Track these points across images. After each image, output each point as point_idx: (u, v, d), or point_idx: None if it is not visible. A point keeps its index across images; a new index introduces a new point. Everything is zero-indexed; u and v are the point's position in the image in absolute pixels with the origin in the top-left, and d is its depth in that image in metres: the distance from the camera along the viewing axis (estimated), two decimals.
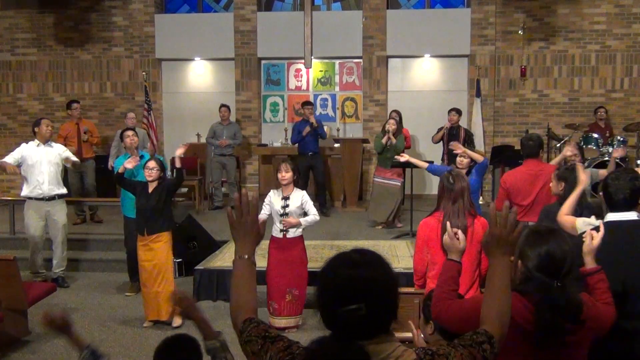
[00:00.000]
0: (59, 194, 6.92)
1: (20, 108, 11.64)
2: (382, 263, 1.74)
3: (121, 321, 6.01)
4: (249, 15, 11.12)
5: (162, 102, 11.57)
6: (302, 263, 5.69)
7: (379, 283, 1.68)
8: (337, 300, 1.65)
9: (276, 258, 5.62)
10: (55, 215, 6.89)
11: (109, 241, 8.09)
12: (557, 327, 2.32)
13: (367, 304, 1.63)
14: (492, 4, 10.70)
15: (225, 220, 6.81)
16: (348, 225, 8.79)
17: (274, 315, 5.65)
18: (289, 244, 5.61)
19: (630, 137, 10.00)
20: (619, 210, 2.97)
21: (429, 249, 4.03)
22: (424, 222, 4.16)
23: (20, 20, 11.52)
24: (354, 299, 1.63)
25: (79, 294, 6.85)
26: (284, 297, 5.60)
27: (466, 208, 3.97)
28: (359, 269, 1.68)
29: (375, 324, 1.67)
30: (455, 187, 3.98)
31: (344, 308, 1.63)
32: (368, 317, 1.63)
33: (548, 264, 2.38)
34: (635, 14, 10.58)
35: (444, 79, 11.19)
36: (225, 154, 10.03)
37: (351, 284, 1.66)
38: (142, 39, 11.32)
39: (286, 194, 5.61)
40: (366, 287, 1.66)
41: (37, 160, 6.81)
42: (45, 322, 2.54)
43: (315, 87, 11.40)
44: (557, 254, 2.38)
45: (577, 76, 10.77)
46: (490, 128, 10.79)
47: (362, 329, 1.65)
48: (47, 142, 6.96)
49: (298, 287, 5.62)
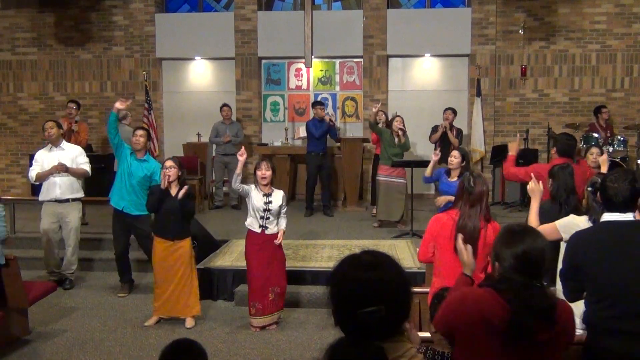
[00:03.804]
0: (72, 197, 6.86)
1: (21, 107, 11.64)
2: (395, 264, 1.77)
3: (121, 321, 6.01)
4: (250, 15, 11.12)
5: (162, 102, 11.58)
6: (282, 259, 5.74)
7: (394, 284, 1.71)
8: (356, 302, 1.67)
9: (256, 257, 5.60)
10: (67, 218, 6.86)
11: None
12: (530, 327, 2.30)
13: (385, 305, 1.66)
14: (493, 3, 10.70)
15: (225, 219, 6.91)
16: (349, 225, 8.78)
17: (256, 316, 5.63)
18: (269, 239, 5.61)
19: (630, 136, 10.00)
20: (616, 211, 2.96)
21: (437, 244, 4.00)
22: (436, 218, 4.12)
23: (20, 20, 11.52)
24: (373, 302, 1.65)
25: (80, 294, 6.85)
26: (267, 296, 5.61)
27: (482, 212, 3.90)
28: (374, 271, 1.70)
29: (391, 325, 1.70)
30: (475, 191, 3.90)
31: (363, 310, 1.65)
32: (386, 318, 1.66)
33: (525, 264, 2.37)
34: (635, 14, 10.57)
35: (444, 79, 11.19)
36: (228, 153, 10.02)
37: (369, 286, 1.68)
38: (142, 39, 11.32)
39: (266, 191, 5.61)
40: (384, 289, 1.68)
41: (49, 164, 6.78)
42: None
43: (315, 86, 11.39)
44: (533, 253, 2.37)
45: (578, 76, 10.76)
46: (490, 127, 10.79)
47: (379, 329, 1.68)
48: (59, 145, 6.89)
49: (279, 285, 5.66)
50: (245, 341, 5.49)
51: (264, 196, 5.59)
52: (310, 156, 9.32)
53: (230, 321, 6.01)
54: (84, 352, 5.26)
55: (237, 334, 5.66)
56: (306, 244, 7.61)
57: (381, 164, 8.56)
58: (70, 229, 6.89)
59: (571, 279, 3.11)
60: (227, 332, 5.71)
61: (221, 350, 5.28)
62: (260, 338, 5.56)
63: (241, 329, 5.78)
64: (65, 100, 11.23)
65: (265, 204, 5.57)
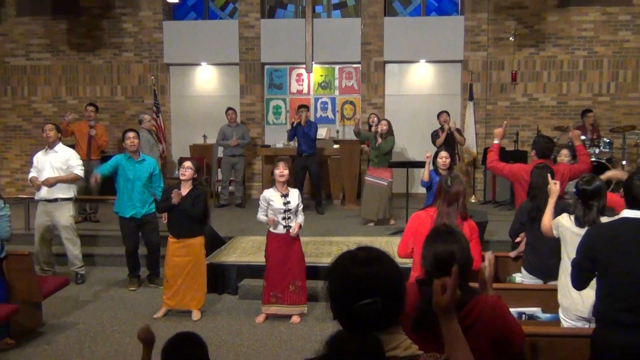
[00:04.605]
0: (61, 197, 6.78)
1: (35, 110, 11.64)
2: (389, 259, 1.77)
3: (131, 313, 6.02)
4: (253, 22, 11.13)
5: (170, 105, 11.58)
6: (302, 257, 5.79)
7: (389, 278, 1.71)
8: (352, 297, 1.67)
9: (278, 254, 5.66)
10: (57, 217, 6.80)
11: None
12: (431, 319, 2.26)
13: (381, 298, 1.66)
14: (485, 11, 10.70)
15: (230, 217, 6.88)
16: (346, 223, 8.78)
17: (278, 304, 5.68)
18: (292, 239, 5.68)
19: (616, 139, 10.01)
20: (637, 208, 2.94)
21: (415, 240, 4.04)
22: (415, 215, 4.20)
23: (34, 27, 11.52)
24: (368, 296, 1.65)
25: (91, 288, 6.85)
26: (288, 288, 5.67)
27: (459, 210, 3.97)
28: (370, 267, 1.70)
29: (386, 317, 1.70)
30: (452, 190, 3.98)
31: (360, 303, 1.65)
32: (382, 310, 1.66)
33: (437, 263, 2.41)
34: (621, 21, 10.57)
35: (438, 84, 11.19)
36: (235, 155, 10.05)
37: (365, 281, 1.68)
38: (151, 45, 11.32)
39: (284, 191, 5.62)
40: (379, 283, 1.68)
41: (43, 166, 6.79)
42: (143, 333, 2.68)
43: (315, 90, 11.40)
44: (442, 254, 2.41)
45: (566, 81, 10.76)
46: (482, 130, 10.78)
47: (375, 321, 1.68)
48: (53, 148, 6.84)
49: (299, 279, 5.70)
50: (249, 332, 5.50)
51: (282, 197, 5.60)
52: (296, 158, 9.42)
53: (235, 314, 6.02)
54: (95, 344, 5.26)
55: (241, 326, 5.66)
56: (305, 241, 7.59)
57: (371, 164, 8.69)
58: (61, 227, 6.82)
59: (585, 270, 3.09)
60: (232, 324, 5.72)
61: (226, 341, 5.29)
62: (263, 329, 5.57)
63: (245, 321, 5.78)
64: (77, 103, 11.27)
65: (285, 204, 5.58)
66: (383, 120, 8.59)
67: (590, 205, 3.70)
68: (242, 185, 10.34)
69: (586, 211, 3.70)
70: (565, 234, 3.81)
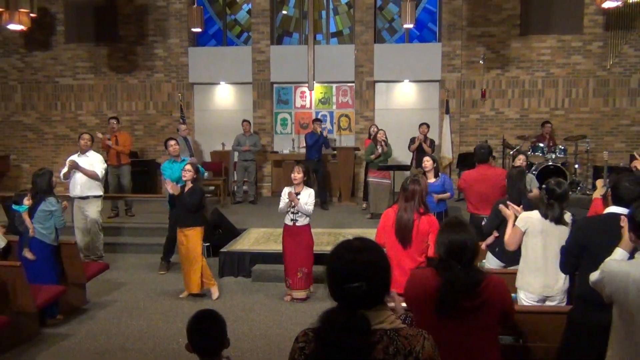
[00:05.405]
0: (90, 195, 6.77)
1: (80, 122, 11.63)
2: (378, 248, 1.76)
3: (161, 293, 6.01)
4: (264, 48, 11.12)
5: (194, 118, 11.56)
6: (309, 247, 5.69)
7: (375, 265, 1.70)
8: (343, 278, 1.67)
9: (289, 243, 5.64)
10: (87, 211, 6.80)
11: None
12: (454, 298, 2.35)
13: (367, 281, 1.65)
14: (459, 39, 10.70)
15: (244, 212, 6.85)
16: (344, 217, 8.77)
17: (292, 288, 5.69)
18: (299, 231, 5.60)
19: (569, 146, 9.99)
20: (623, 206, 2.92)
21: (385, 232, 4.09)
22: (385, 212, 4.25)
23: (80, 52, 11.52)
24: (356, 278, 1.65)
25: (127, 272, 6.85)
26: (296, 274, 5.65)
27: (416, 207, 3.99)
28: (360, 254, 1.70)
29: (373, 297, 1.69)
30: (409, 189, 4.03)
31: (348, 285, 1.65)
32: (368, 291, 1.66)
33: (452, 251, 2.41)
34: (574, 47, 10.57)
35: (419, 99, 11.17)
36: (247, 159, 10.03)
37: (354, 265, 1.68)
38: (178, 67, 11.31)
39: (298, 190, 5.60)
40: (366, 268, 1.68)
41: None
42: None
43: (316, 105, 11.39)
44: (456, 243, 2.41)
45: (527, 97, 10.75)
46: (457, 139, 10.77)
47: (363, 300, 1.67)
48: (85, 153, 6.82)
49: (306, 266, 5.65)
50: (260, 310, 5.49)
51: (295, 194, 5.55)
52: (307, 162, 9.33)
53: (249, 294, 6.01)
54: (131, 318, 5.27)
55: (253, 304, 5.65)
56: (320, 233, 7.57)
57: (371, 168, 8.64)
58: (89, 220, 6.81)
59: (573, 255, 3.06)
60: (246, 303, 5.71)
61: (241, 317, 5.28)
62: (273, 307, 5.56)
63: (257, 300, 5.77)
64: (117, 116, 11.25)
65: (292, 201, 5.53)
66: (380, 130, 8.63)
67: (552, 204, 3.68)
68: (254, 185, 10.33)
69: (551, 208, 3.68)
70: (535, 225, 3.75)
